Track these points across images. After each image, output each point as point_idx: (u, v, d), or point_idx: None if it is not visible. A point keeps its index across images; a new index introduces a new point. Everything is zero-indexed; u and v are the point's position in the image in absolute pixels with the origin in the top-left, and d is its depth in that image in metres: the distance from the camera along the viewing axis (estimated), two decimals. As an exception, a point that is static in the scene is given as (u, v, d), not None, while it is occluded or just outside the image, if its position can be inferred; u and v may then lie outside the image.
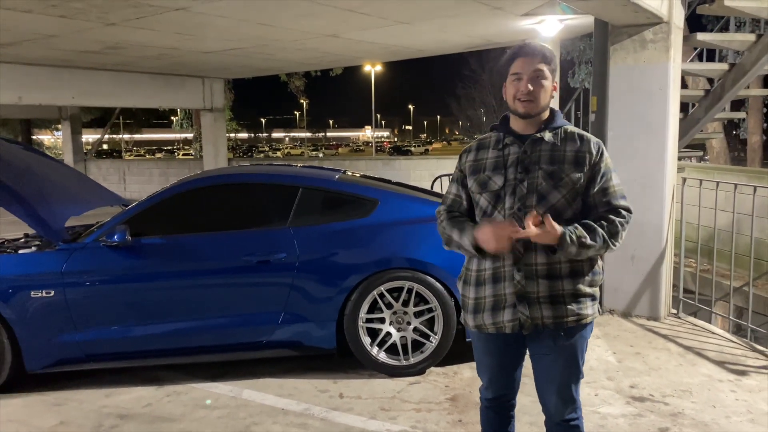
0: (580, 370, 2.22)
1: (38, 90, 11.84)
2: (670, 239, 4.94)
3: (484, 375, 2.36)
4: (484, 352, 2.30)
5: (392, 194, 4.26)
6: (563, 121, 2.21)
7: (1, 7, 6.73)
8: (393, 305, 3.94)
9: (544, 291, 2.11)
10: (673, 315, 5.10)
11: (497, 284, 2.15)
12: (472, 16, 7.86)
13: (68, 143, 19.22)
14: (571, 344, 2.17)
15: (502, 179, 2.14)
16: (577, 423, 2.27)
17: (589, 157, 2.13)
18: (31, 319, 3.82)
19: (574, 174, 2.10)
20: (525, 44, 2.15)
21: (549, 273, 2.11)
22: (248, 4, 6.98)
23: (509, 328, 2.15)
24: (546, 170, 2.11)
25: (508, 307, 2.14)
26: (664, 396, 3.61)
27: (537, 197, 2.10)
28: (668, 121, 4.77)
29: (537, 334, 2.16)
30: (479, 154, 2.24)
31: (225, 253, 3.98)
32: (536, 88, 2.10)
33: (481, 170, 2.20)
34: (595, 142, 2.16)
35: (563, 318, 2.12)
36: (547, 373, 2.21)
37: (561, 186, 2.10)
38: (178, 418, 3.50)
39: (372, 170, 14.43)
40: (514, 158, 2.15)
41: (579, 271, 2.13)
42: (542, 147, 2.14)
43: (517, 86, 2.11)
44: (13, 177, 4.23)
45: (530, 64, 2.10)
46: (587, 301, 2.16)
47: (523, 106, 2.12)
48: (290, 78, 23.18)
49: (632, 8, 4.26)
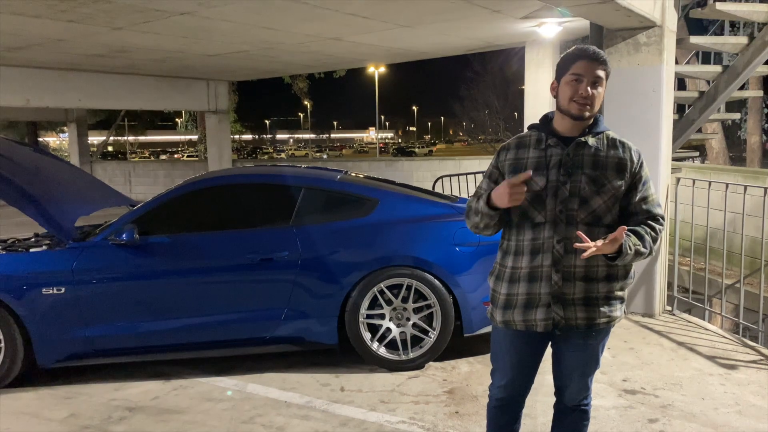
0: (599, 362, 2.33)
1: (46, 93, 12.02)
2: (664, 238, 5.04)
3: (500, 372, 2.37)
4: (507, 349, 2.31)
5: (392, 194, 4.38)
6: (605, 127, 2.23)
7: (11, 12, 6.89)
8: (393, 302, 4.06)
9: (580, 293, 2.15)
10: (667, 312, 5.21)
11: (533, 283, 2.18)
12: (471, 19, 7.98)
13: (74, 145, 19.44)
14: (597, 343, 2.26)
15: (544, 180, 2.15)
16: (587, 408, 2.39)
17: (630, 165, 2.16)
18: (42, 315, 3.95)
19: (616, 181, 2.14)
20: (589, 47, 2.14)
21: (586, 275, 2.15)
22: (252, 9, 7.11)
23: (542, 326, 2.18)
24: (589, 175, 2.13)
25: (542, 306, 2.17)
26: (655, 389, 3.72)
27: (579, 201, 2.13)
28: (662, 122, 4.88)
29: (570, 333, 2.22)
30: (519, 153, 2.23)
31: (229, 251, 4.11)
32: (595, 93, 2.11)
33: (522, 169, 2.18)
34: (635, 150, 2.20)
35: (595, 319, 2.17)
36: (571, 366, 2.30)
37: (603, 192, 2.13)
38: (184, 411, 3.63)
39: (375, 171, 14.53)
40: (557, 160, 2.15)
41: (614, 275, 2.19)
42: (585, 151, 2.16)
43: (576, 87, 2.10)
44: (24, 178, 4.37)
45: (593, 68, 2.10)
46: (617, 303, 2.22)
47: (578, 108, 2.11)
48: (294, 80, 23.31)
49: (624, 12, 4.37)
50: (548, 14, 7.95)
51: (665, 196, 5.02)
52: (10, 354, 3.90)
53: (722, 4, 5.61)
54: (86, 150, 19.86)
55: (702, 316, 5.23)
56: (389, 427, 3.33)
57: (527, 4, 7.19)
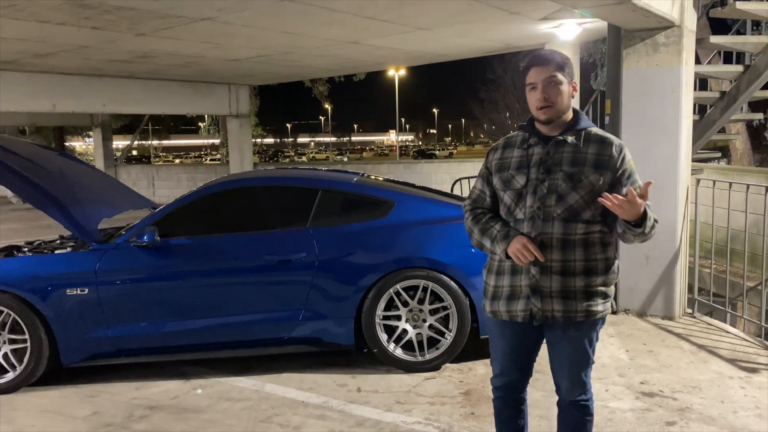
0: (589, 358, 2.34)
1: (71, 98, 12.27)
2: (684, 239, 4.99)
3: (496, 361, 2.45)
4: (499, 336, 2.40)
5: (408, 196, 4.40)
6: (587, 123, 2.27)
7: (38, 19, 7.06)
8: (409, 303, 4.09)
9: (557, 286, 2.21)
10: (688, 314, 5.15)
11: (515, 276, 2.27)
12: (490, 21, 7.98)
13: (99, 149, 19.79)
14: (580, 336, 2.28)
15: (525, 178, 2.24)
16: (587, 403, 2.39)
17: (611, 160, 2.20)
18: (66, 315, 4.04)
19: (594, 176, 2.18)
20: (536, 54, 2.24)
21: (563, 270, 2.21)
22: (271, 14, 7.20)
23: (521, 317, 2.27)
24: (566, 172, 2.19)
25: (523, 297, 2.26)
26: (673, 392, 3.69)
27: (556, 197, 2.19)
28: (681, 122, 4.83)
29: (551, 325, 2.29)
30: (505, 153, 2.34)
31: (248, 252, 4.17)
32: (552, 94, 2.18)
33: (506, 168, 2.29)
34: (617, 145, 2.23)
35: (572, 313, 2.22)
36: (559, 359, 2.35)
37: (580, 187, 2.18)
38: (203, 410, 3.69)
39: (394, 173, 14.59)
40: (537, 159, 2.24)
41: (592, 269, 2.23)
42: (565, 149, 2.22)
43: (533, 96, 2.21)
44: (49, 181, 4.48)
45: (542, 72, 2.19)
46: (598, 298, 2.25)
47: (542, 113, 2.21)
48: (314, 83, 23.45)
49: (642, 13, 4.35)
50: (567, 15, 7.91)
51: (685, 197, 4.97)
52: (36, 353, 4.00)
53: (743, 3, 5.54)
54: (111, 154, 20.22)
55: (723, 319, 5.16)
56: (405, 428, 3.35)
57: (545, 5, 7.16)
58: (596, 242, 2.24)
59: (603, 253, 2.26)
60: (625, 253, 5.15)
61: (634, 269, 5.10)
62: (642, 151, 4.97)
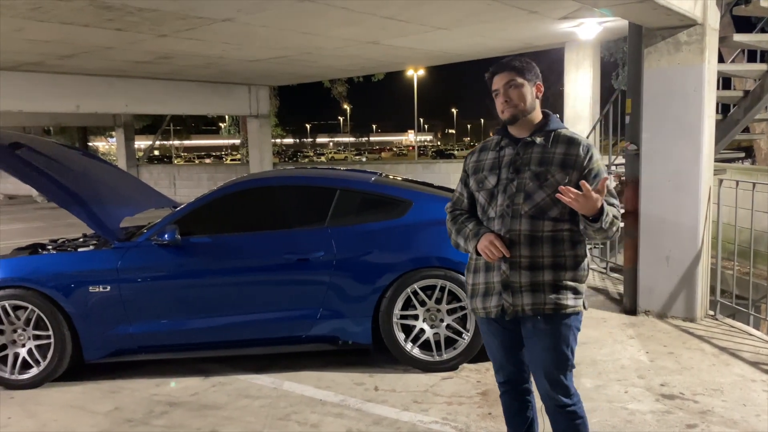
0: (566, 357, 2.33)
1: (94, 98, 12.47)
2: (706, 240, 4.93)
3: (492, 357, 2.54)
4: (486, 333, 2.49)
5: (425, 195, 4.40)
6: (557, 125, 2.37)
7: (62, 21, 7.19)
8: (426, 303, 4.09)
9: (526, 280, 2.28)
10: (710, 317, 5.08)
11: (488, 273, 2.37)
12: (509, 20, 7.95)
13: (122, 149, 20.09)
14: (551, 330, 2.30)
15: (496, 179, 2.36)
16: (574, 409, 2.37)
17: (577, 159, 2.28)
18: (89, 312, 4.11)
19: (560, 174, 2.26)
20: (497, 64, 2.36)
21: (531, 265, 2.28)
22: (290, 15, 7.25)
23: (494, 313, 2.35)
24: (533, 171, 2.29)
25: (495, 294, 2.34)
26: (694, 394, 3.64)
27: (524, 196, 2.29)
28: (703, 122, 4.77)
29: (523, 320, 2.34)
30: (481, 155, 2.46)
31: (267, 251, 4.20)
32: (512, 96, 2.30)
33: (481, 170, 2.42)
34: (584, 145, 2.30)
35: (541, 305, 2.28)
36: (532, 357, 2.38)
37: (546, 186, 2.27)
38: (222, 407, 3.73)
39: (412, 173, 14.59)
40: (508, 159, 2.36)
41: (560, 265, 2.29)
42: (534, 149, 2.32)
43: (498, 100, 2.34)
44: (73, 180, 4.56)
45: (502, 78, 2.33)
46: (567, 293, 2.29)
47: (506, 113, 2.32)
48: (333, 84, 23.52)
49: (664, 11, 4.30)
50: (587, 14, 7.85)
51: (707, 198, 4.90)
52: (60, 349, 4.08)
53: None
54: (133, 154, 20.50)
55: (746, 321, 5.08)
56: (422, 427, 3.35)
57: (565, 4, 7.12)
58: (565, 239, 2.30)
59: (572, 250, 2.32)
60: (645, 254, 5.11)
61: (654, 270, 5.04)
62: (663, 151, 4.93)
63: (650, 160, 5.01)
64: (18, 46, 8.73)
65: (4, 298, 4.07)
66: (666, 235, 4.97)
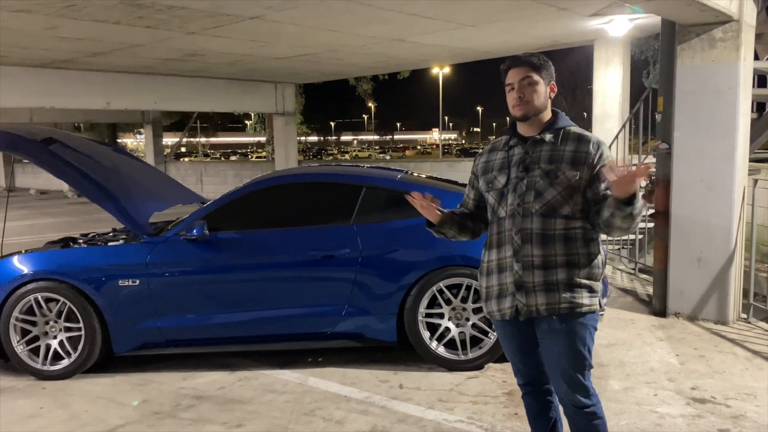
0: (584, 357, 2.29)
1: (124, 95, 12.66)
2: (739, 242, 4.82)
3: (510, 360, 2.51)
4: (503, 337, 2.45)
5: (452, 194, 4.36)
6: (566, 123, 2.34)
7: (94, 19, 7.31)
8: (452, 301, 4.06)
9: (539, 280, 2.24)
10: (742, 320, 4.97)
11: (501, 274, 2.33)
12: (537, 17, 7.87)
13: (150, 146, 20.37)
14: (567, 330, 2.25)
15: (506, 178, 2.33)
16: (594, 410, 2.32)
17: (588, 156, 2.24)
18: (118, 305, 4.17)
19: (570, 172, 2.23)
20: (513, 57, 2.33)
21: (544, 264, 2.24)
22: (317, 12, 7.27)
23: (509, 314, 2.32)
24: (544, 169, 2.26)
25: (509, 295, 2.31)
26: (726, 398, 3.56)
27: (534, 194, 2.25)
28: (738, 121, 4.66)
29: (538, 320, 2.29)
30: (490, 156, 2.45)
31: (293, 247, 4.22)
32: (527, 93, 2.27)
33: (490, 170, 2.40)
34: (594, 142, 2.27)
35: (556, 305, 2.23)
36: (549, 358, 2.32)
37: (557, 183, 2.23)
38: (248, 401, 3.76)
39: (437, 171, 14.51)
40: (517, 158, 2.33)
41: (574, 263, 2.24)
42: (543, 147, 2.29)
43: (511, 95, 2.30)
44: (103, 176, 4.63)
45: (519, 73, 2.29)
46: (582, 291, 2.25)
47: (517, 110, 2.29)
48: (358, 81, 23.55)
49: (698, 7, 4.21)
50: (618, 11, 7.73)
51: (741, 198, 4.79)
52: (90, 341, 4.14)
53: (806, -4, 5.30)
54: (161, 150, 20.78)
55: (781, 325, 4.95)
56: (447, 426, 3.34)
57: (595, 2, 7.02)
58: (578, 237, 2.26)
59: (585, 248, 2.27)
60: (676, 255, 5.01)
61: (685, 271, 4.95)
62: (696, 150, 4.83)
63: (682, 160, 4.92)
64: (51, 43, 8.90)
65: (36, 290, 4.15)
66: (698, 236, 4.87)
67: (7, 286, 4.16)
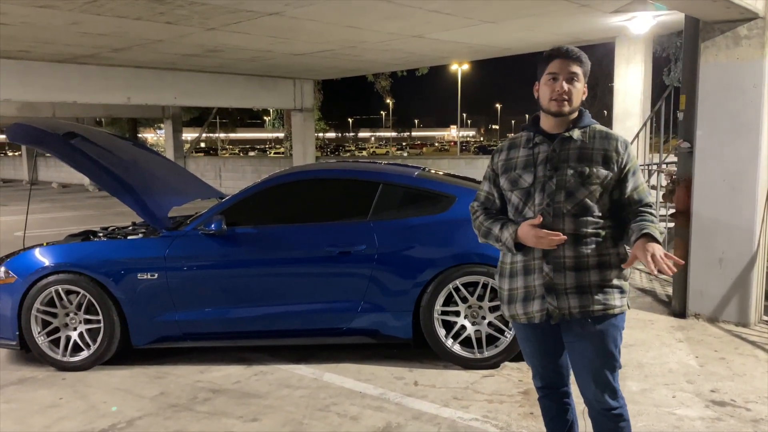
0: (615, 358, 2.27)
1: (144, 91, 12.77)
2: (762, 242, 4.74)
3: (530, 363, 2.47)
4: (524, 340, 2.41)
5: (470, 191, 4.34)
6: (591, 120, 2.29)
7: (116, 15, 7.38)
8: (468, 299, 4.05)
9: (572, 282, 2.19)
10: (764, 322, 4.89)
11: (528, 276, 2.26)
12: (559, 14, 7.79)
13: (170, 141, 20.56)
14: (600, 332, 2.22)
15: (532, 177, 2.24)
16: (621, 411, 2.30)
17: (617, 156, 2.21)
18: (137, 298, 4.21)
19: (602, 171, 2.19)
20: (562, 47, 2.25)
21: (576, 265, 2.19)
22: (337, 8, 7.26)
23: (538, 318, 2.26)
24: (574, 168, 2.20)
25: (538, 297, 2.24)
26: (746, 402, 3.51)
27: (565, 194, 2.19)
28: (762, 119, 4.58)
29: (566, 323, 2.24)
30: (510, 153, 2.34)
31: (310, 243, 4.23)
32: (570, 90, 2.19)
33: (513, 168, 2.30)
34: (622, 141, 2.25)
35: (589, 307, 2.19)
36: (581, 361, 2.28)
37: (588, 183, 2.18)
38: (264, 395, 3.78)
39: (454, 168, 14.46)
40: (543, 156, 2.24)
41: (606, 263, 2.21)
42: (571, 145, 2.23)
43: (553, 86, 2.20)
44: (124, 170, 4.68)
45: (567, 65, 2.19)
46: (615, 292, 2.22)
47: (557, 105, 2.20)
48: (377, 78, 23.55)
49: (723, 4, 4.13)
50: (640, 8, 7.63)
51: (764, 199, 4.71)
52: (109, 333, 4.20)
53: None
54: (180, 145, 20.96)
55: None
56: (462, 424, 3.33)
57: (617, -3, 6.94)
58: (607, 237, 2.23)
59: (615, 248, 2.24)
60: (697, 255, 4.94)
61: (706, 272, 4.88)
62: (718, 149, 4.76)
63: (704, 159, 4.84)
64: (73, 39, 9.01)
65: (57, 282, 4.21)
66: (719, 237, 4.80)
67: (28, 278, 4.22)
